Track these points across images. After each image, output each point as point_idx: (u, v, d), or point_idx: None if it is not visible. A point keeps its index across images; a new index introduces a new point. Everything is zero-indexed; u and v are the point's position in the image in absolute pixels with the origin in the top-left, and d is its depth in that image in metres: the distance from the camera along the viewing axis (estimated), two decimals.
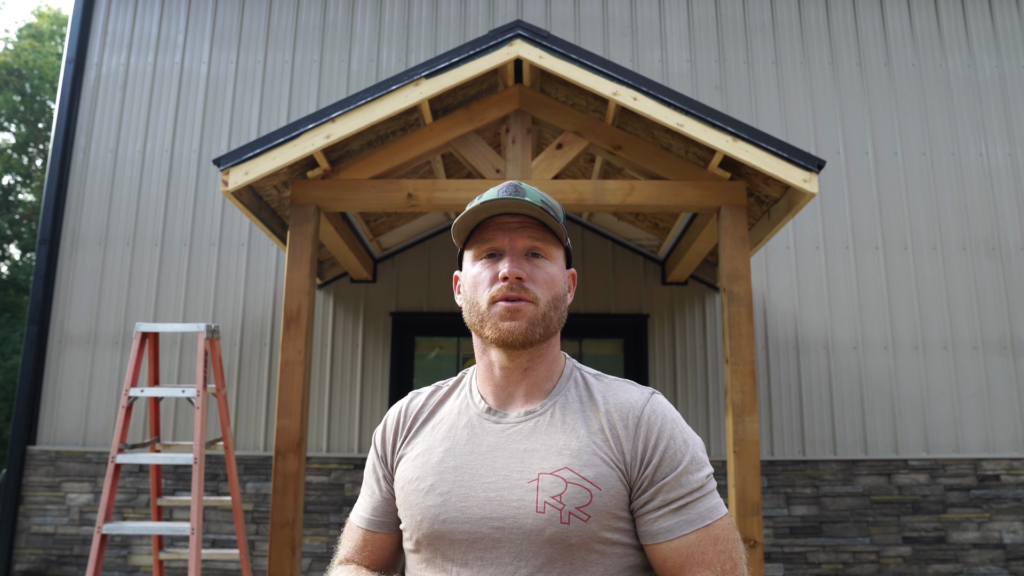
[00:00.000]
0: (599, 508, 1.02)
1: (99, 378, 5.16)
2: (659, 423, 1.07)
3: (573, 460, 1.04)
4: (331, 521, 4.93)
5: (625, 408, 1.09)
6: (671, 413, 1.10)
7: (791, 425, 5.07)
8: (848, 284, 5.27)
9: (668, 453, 1.04)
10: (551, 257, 1.15)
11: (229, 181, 3.43)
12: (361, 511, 1.26)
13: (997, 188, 5.42)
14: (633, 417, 1.07)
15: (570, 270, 1.22)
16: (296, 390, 3.43)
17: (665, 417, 1.08)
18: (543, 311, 1.11)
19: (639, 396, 1.11)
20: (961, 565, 4.87)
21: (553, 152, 3.75)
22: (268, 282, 5.28)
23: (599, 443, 1.06)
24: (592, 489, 1.02)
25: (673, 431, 1.07)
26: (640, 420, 1.07)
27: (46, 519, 4.98)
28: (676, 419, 1.10)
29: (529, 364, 1.14)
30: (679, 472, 1.04)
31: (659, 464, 1.04)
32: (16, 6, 30.10)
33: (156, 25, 5.73)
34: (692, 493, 1.04)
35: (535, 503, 1.02)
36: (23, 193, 14.10)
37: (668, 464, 1.04)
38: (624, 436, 1.06)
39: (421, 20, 5.71)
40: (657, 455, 1.04)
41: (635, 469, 1.04)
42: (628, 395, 1.11)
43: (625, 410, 1.08)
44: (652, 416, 1.07)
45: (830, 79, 5.59)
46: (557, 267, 1.15)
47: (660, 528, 1.03)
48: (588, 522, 1.01)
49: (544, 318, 1.11)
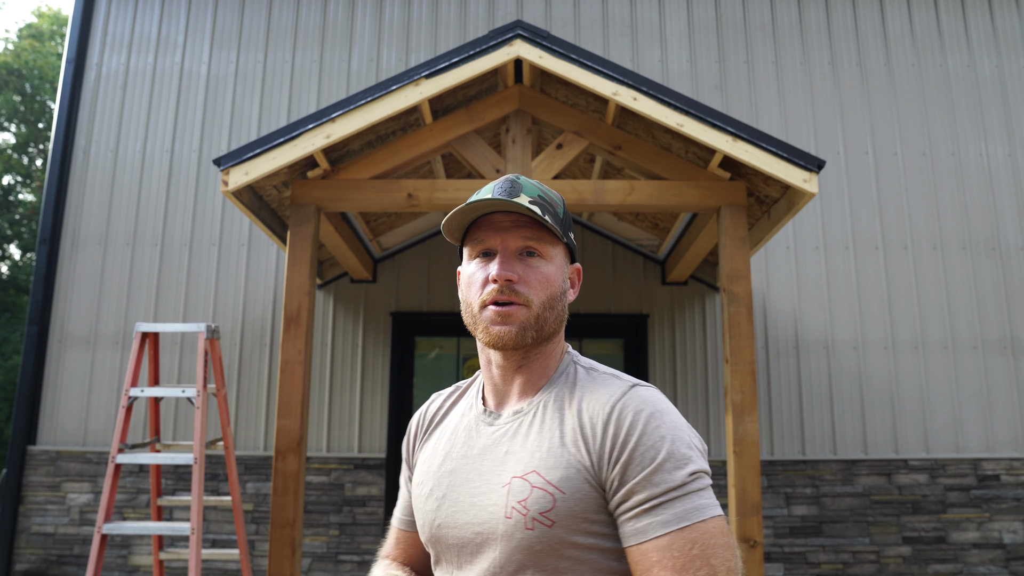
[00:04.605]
0: (564, 513, 0.96)
1: (99, 378, 5.16)
2: (630, 418, 0.98)
3: (541, 463, 1.00)
4: (331, 521, 4.93)
5: (597, 405, 1.02)
6: (651, 407, 0.99)
7: (791, 425, 5.07)
8: (848, 284, 5.27)
9: (639, 450, 0.96)
10: (547, 255, 1.09)
11: (229, 181, 3.43)
12: (397, 510, 1.31)
13: (997, 188, 5.42)
14: (604, 414, 1.00)
15: (574, 265, 1.17)
16: (296, 390, 3.43)
17: (639, 412, 0.98)
18: (536, 313, 1.07)
19: (616, 391, 1.03)
20: (961, 565, 4.87)
21: (553, 152, 3.75)
22: (268, 282, 5.28)
23: (568, 444, 1.00)
24: (556, 493, 0.97)
25: (647, 426, 0.97)
26: (610, 417, 0.99)
27: (46, 519, 4.98)
28: (656, 414, 0.99)
29: (524, 362, 1.11)
30: (651, 470, 0.94)
31: (628, 462, 0.96)
32: (16, 6, 30.11)
33: (156, 25, 5.73)
34: (668, 492, 0.94)
35: (504, 508, 1.00)
36: (23, 193, 14.11)
37: (639, 462, 0.95)
38: (592, 435, 0.99)
39: (421, 20, 5.71)
40: (626, 453, 0.96)
41: (604, 469, 0.97)
42: (606, 390, 1.04)
43: (597, 407, 1.01)
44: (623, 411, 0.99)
45: (830, 79, 5.59)
46: (554, 265, 1.10)
47: (632, 530, 0.95)
48: (553, 528, 0.96)
49: (537, 320, 1.07)
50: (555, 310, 1.10)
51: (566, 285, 1.14)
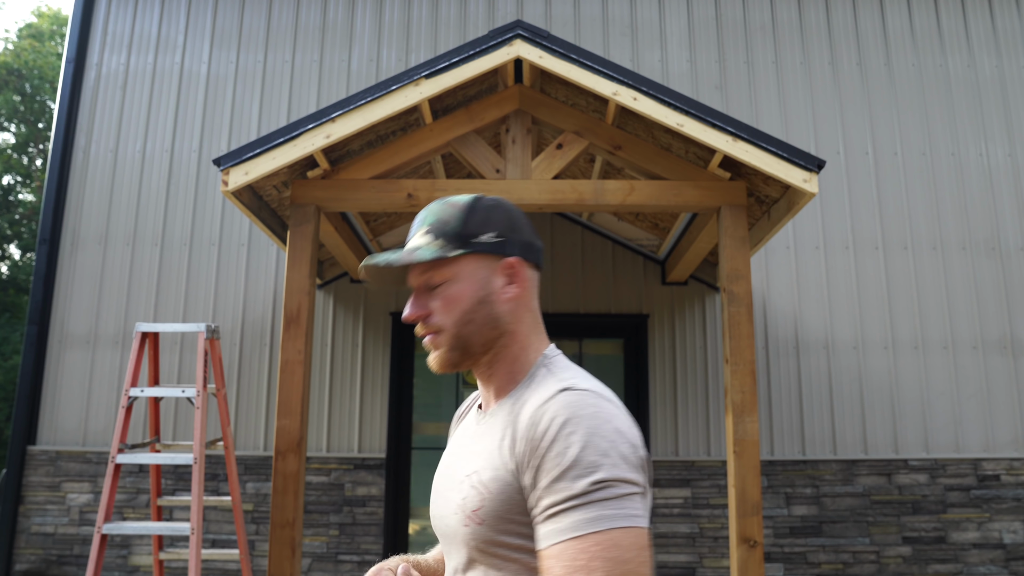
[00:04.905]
0: (490, 512, 0.99)
1: (99, 378, 5.16)
2: (545, 424, 0.96)
3: (482, 463, 1.04)
4: (331, 521, 4.93)
5: (528, 409, 1.02)
6: (569, 412, 0.96)
7: (791, 425, 5.07)
8: (848, 284, 5.27)
9: (551, 455, 0.94)
10: (451, 276, 1.10)
11: (229, 181, 3.43)
12: None
13: (997, 188, 5.42)
14: (527, 418, 1.00)
15: (505, 260, 1.12)
16: (296, 390, 3.43)
17: (555, 417, 0.96)
18: (452, 334, 1.10)
19: (544, 394, 1.01)
20: (961, 565, 4.87)
21: (553, 152, 3.75)
22: (268, 282, 5.28)
23: (505, 447, 1.02)
24: (484, 492, 1.00)
25: (560, 432, 0.95)
26: (531, 422, 0.99)
27: (46, 519, 4.98)
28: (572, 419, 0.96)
29: (488, 371, 1.15)
30: (555, 477, 0.93)
31: (539, 468, 0.95)
32: (16, 6, 30.11)
33: (156, 25, 5.73)
34: (569, 500, 0.91)
35: (455, 503, 1.06)
36: (23, 193, 14.11)
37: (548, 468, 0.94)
38: (517, 439, 1.00)
39: (421, 20, 5.71)
40: (538, 458, 0.95)
41: (523, 473, 0.98)
42: (539, 394, 1.03)
43: (527, 411, 1.02)
44: (543, 416, 0.98)
45: (830, 79, 5.59)
46: (462, 280, 1.10)
47: (539, 535, 0.95)
48: (482, 526, 1.00)
49: (457, 339, 1.09)
50: (475, 322, 1.10)
51: (490, 288, 1.11)
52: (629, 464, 0.94)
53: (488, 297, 1.11)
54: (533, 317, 1.15)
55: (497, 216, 1.13)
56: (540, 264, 1.18)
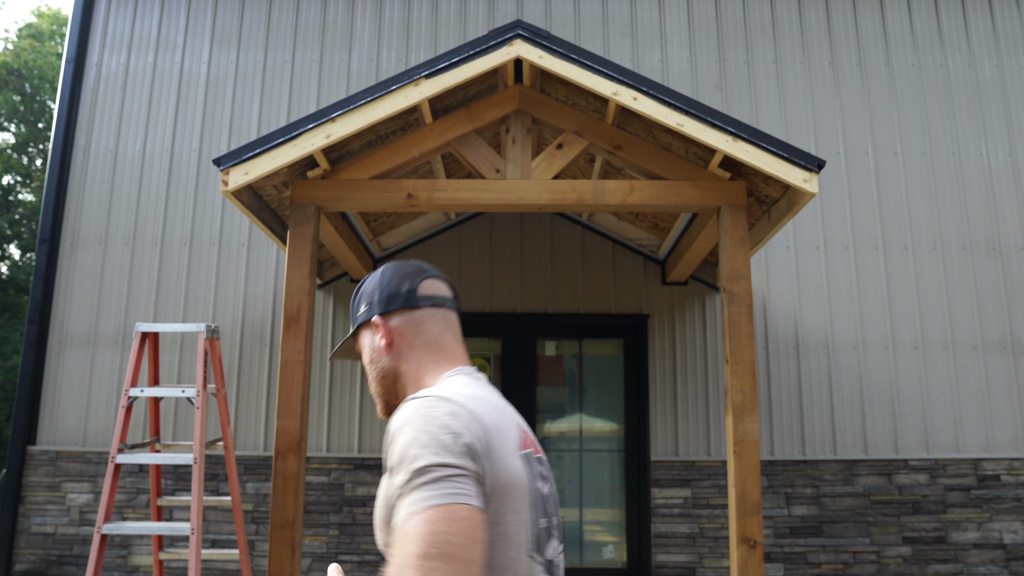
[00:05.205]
0: (380, 518, 1.10)
1: (99, 378, 5.16)
2: (391, 431, 1.07)
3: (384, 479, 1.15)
4: (331, 521, 4.93)
5: None
6: (403, 418, 1.07)
7: (791, 425, 5.07)
8: (848, 284, 5.27)
9: (391, 456, 1.05)
10: (363, 350, 1.32)
11: (229, 181, 3.43)
12: None
13: (997, 188, 5.42)
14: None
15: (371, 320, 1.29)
16: (296, 390, 3.43)
17: (395, 423, 1.08)
18: (381, 397, 1.29)
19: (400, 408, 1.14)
20: (961, 565, 4.87)
21: (553, 152, 3.75)
22: (268, 282, 5.27)
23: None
24: (380, 502, 1.11)
25: (396, 434, 1.05)
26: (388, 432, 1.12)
27: (46, 519, 4.98)
28: (408, 422, 1.05)
29: None
30: (393, 472, 1.04)
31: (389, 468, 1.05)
32: (16, 6, 30.11)
33: (156, 25, 5.73)
34: (400, 490, 1.01)
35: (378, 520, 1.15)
36: (23, 193, 14.11)
37: (391, 466, 1.05)
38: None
39: (421, 20, 5.71)
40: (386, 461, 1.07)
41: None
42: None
43: None
44: (391, 426, 1.09)
45: (830, 79, 5.59)
46: (367, 351, 1.31)
47: None
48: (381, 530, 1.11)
49: (381, 398, 1.29)
50: (378, 379, 1.29)
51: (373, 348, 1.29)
52: (449, 451, 1.02)
53: (375, 356, 1.29)
54: (425, 351, 1.26)
55: (368, 288, 1.30)
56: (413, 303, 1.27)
